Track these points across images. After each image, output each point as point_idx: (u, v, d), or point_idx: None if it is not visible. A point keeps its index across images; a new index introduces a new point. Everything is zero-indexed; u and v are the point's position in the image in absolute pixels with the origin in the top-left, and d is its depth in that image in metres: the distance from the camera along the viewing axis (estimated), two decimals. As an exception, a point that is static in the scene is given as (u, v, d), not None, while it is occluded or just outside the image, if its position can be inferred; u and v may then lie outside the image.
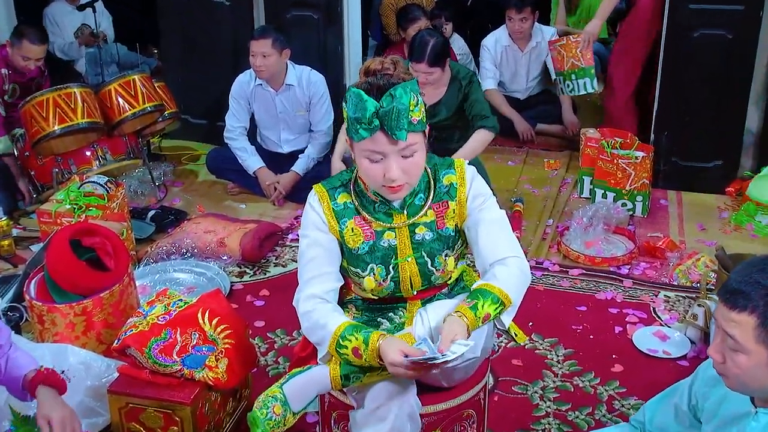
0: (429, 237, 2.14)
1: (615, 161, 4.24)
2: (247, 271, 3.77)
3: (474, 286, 2.06)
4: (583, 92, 4.90)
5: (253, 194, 4.64)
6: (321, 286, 2.13)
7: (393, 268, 2.15)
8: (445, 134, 4.03)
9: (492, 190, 2.20)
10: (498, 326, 2.14)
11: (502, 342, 3.10)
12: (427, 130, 2.05)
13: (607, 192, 4.31)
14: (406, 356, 1.90)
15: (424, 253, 2.14)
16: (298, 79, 4.44)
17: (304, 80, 4.45)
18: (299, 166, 4.50)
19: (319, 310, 2.09)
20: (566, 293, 3.52)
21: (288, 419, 2.08)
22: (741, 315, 1.54)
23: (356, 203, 2.15)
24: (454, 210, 2.13)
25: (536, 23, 5.41)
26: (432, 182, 2.14)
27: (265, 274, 3.74)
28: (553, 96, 5.52)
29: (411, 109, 1.95)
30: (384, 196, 2.09)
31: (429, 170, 2.15)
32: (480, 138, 3.91)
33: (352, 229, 2.14)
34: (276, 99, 4.46)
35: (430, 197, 2.14)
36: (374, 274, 2.15)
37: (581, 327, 3.24)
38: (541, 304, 3.42)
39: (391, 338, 1.97)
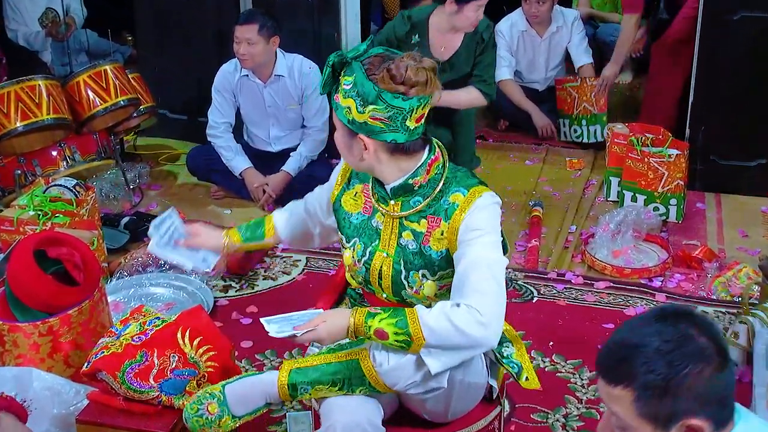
0: (411, 247, 2.15)
1: (646, 160, 4.24)
2: (233, 284, 3.77)
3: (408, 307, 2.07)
4: (592, 140, 5.20)
5: (240, 198, 4.65)
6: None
7: (369, 252, 2.20)
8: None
9: (502, 233, 2.12)
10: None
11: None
12: (364, 141, 2.06)
13: (637, 195, 4.31)
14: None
15: (402, 260, 2.16)
16: (288, 69, 4.44)
17: (296, 70, 4.45)
18: (290, 166, 4.51)
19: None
20: (591, 309, 3.52)
21: (225, 422, 2.14)
22: (617, 389, 1.49)
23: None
24: (443, 232, 2.11)
25: (556, 5, 5.42)
26: (438, 192, 2.14)
27: (253, 288, 3.75)
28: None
29: (345, 90, 2.04)
30: None
31: (444, 179, 2.14)
32: (470, 95, 4.10)
33: (356, 193, 2.26)
34: (264, 91, 4.47)
35: (426, 204, 2.13)
36: (354, 249, 2.23)
37: (608, 347, 3.23)
38: (563, 321, 3.42)
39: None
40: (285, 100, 4.49)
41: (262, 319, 2.13)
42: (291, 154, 4.56)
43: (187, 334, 2.44)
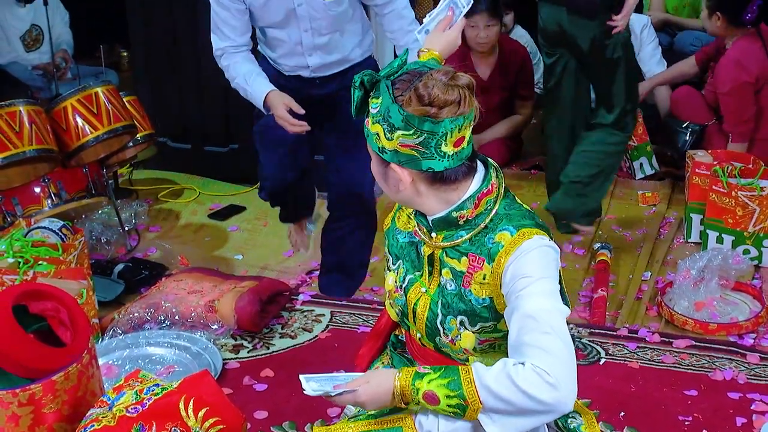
0: (450, 288, 2.18)
1: (733, 194, 4.22)
2: (245, 344, 3.79)
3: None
4: (641, 176, 5.29)
5: None
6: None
7: (410, 280, 2.25)
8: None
9: (560, 280, 2.11)
10: None
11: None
12: (398, 171, 2.10)
13: (723, 235, 4.29)
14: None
15: (440, 303, 2.19)
16: None
17: None
18: None
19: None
20: (670, 372, 3.50)
21: None
22: None
23: None
24: (485, 276, 2.12)
25: None
26: (484, 228, 2.15)
27: (268, 348, 3.76)
28: (648, 106, 5.53)
29: (374, 116, 2.07)
30: None
31: (493, 216, 2.15)
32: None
33: (408, 215, 2.31)
34: None
35: (469, 240, 2.15)
36: (398, 272, 2.29)
37: (691, 418, 3.21)
38: (636, 386, 3.39)
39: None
40: None
41: (301, 376, 2.17)
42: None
43: (191, 404, 2.45)
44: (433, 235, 2.19)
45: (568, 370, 1.94)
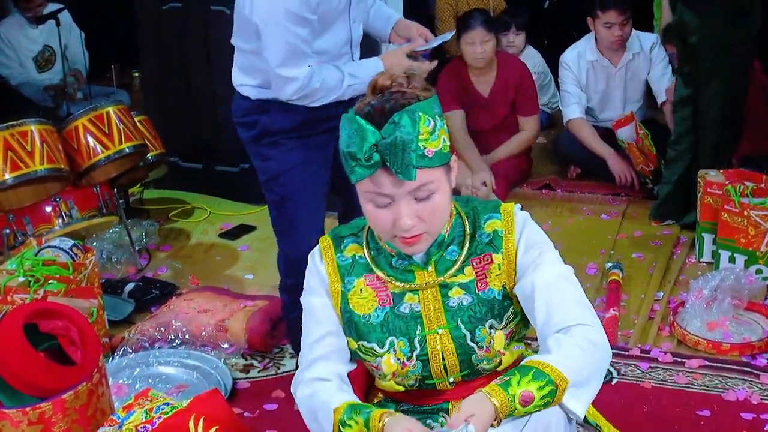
0: (468, 302, 2.16)
1: (745, 213, 4.21)
2: (255, 363, 3.78)
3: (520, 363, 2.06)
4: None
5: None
6: (329, 368, 2.20)
7: (419, 342, 2.17)
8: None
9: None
10: (572, 416, 2.08)
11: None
12: (452, 161, 2.08)
13: (735, 255, 4.27)
14: None
15: (461, 323, 2.16)
16: None
17: None
18: None
19: (321, 391, 2.14)
20: (683, 392, 3.48)
21: None
22: None
23: (368, 257, 2.20)
24: (499, 266, 2.15)
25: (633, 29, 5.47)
26: (470, 231, 2.15)
27: (279, 368, 3.75)
28: (660, 127, 5.53)
29: (424, 137, 1.97)
30: (399, 248, 2.12)
31: (465, 215, 2.18)
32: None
33: (361, 290, 2.20)
34: None
35: (466, 249, 2.15)
36: (395, 350, 2.18)
37: (704, 438, 3.19)
38: (648, 407, 3.38)
39: (399, 416, 1.99)
40: None
41: None
42: None
43: (201, 423, 2.45)
44: (429, 269, 2.17)
45: (596, 317, 2.10)
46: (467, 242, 2.16)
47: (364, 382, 2.42)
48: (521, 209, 2.21)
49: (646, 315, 4.05)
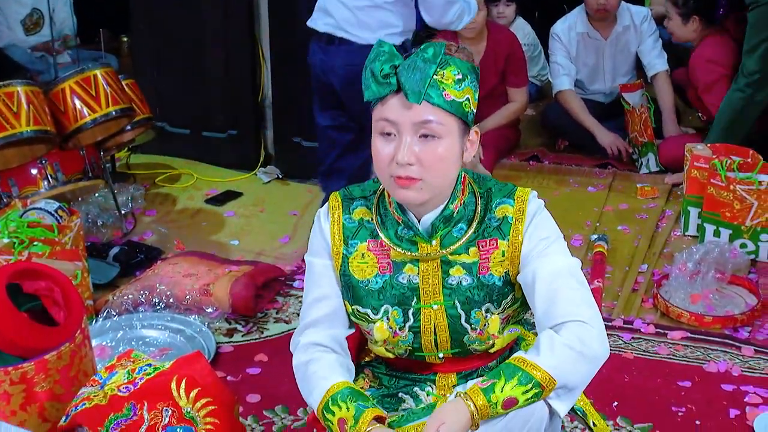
0: (467, 283, 2.15)
1: (731, 187, 4.22)
2: (239, 328, 3.79)
3: (508, 360, 2.05)
4: (645, 171, 5.31)
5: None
6: (326, 332, 2.21)
7: (413, 314, 2.17)
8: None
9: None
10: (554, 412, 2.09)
11: (576, 428, 3.07)
12: (473, 132, 2.08)
13: (720, 229, 4.28)
14: None
15: (457, 302, 2.15)
16: None
17: None
18: None
19: (321, 361, 2.16)
20: (664, 363, 3.50)
21: None
22: None
23: (376, 222, 2.19)
24: (503, 252, 2.14)
25: (623, 2, 5.45)
26: (481, 212, 2.15)
27: (262, 332, 3.76)
28: (650, 100, 5.53)
29: (447, 82, 1.99)
30: (392, 194, 2.11)
31: (479, 195, 2.16)
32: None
33: (363, 254, 2.20)
34: None
35: (473, 230, 2.15)
36: (388, 318, 2.18)
37: (684, 409, 3.21)
38: (630, 377, 3.39)
39: (386, 431, 2.00)
40: None
41: None
42: None
43: (183, 384, 2.45)
44: (434, 243, 2.16)
45: (599, 316, 2.08)
46: (475, 222, 2.15)
47: (358, 340, 2.42)
48: (536, 195, 2.20)
49: (630, 287, 4.07)
